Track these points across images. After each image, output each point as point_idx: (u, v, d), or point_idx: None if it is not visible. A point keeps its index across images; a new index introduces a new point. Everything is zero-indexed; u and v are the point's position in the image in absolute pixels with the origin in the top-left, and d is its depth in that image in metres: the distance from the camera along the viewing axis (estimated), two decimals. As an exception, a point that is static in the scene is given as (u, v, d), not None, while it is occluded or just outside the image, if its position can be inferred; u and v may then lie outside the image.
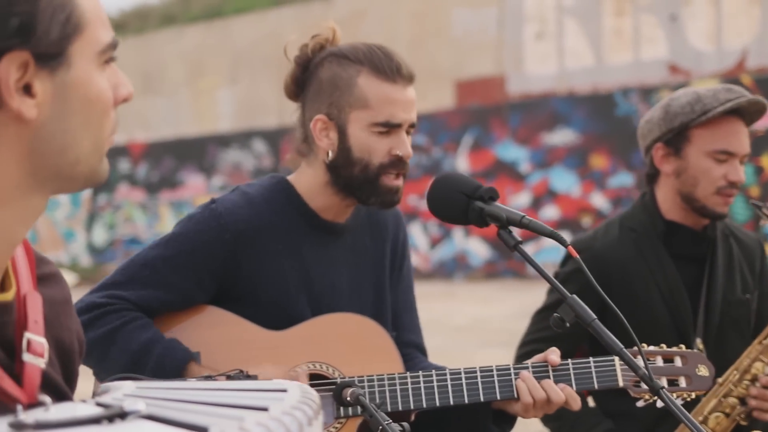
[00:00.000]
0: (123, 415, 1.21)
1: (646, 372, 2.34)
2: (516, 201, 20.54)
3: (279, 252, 2.71)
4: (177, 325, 2.66)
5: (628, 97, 19.42)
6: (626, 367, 2.65)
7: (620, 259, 3.43)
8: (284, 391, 1.32)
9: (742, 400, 3.23)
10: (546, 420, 3.52)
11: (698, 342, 3.39)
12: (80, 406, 1.24)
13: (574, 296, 2.43)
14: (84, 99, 1.41)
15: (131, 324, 2.59)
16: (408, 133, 2.76)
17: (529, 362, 2.70)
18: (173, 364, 2.53)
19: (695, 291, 3.47)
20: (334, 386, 2.54)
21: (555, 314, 2.44)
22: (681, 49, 19.02)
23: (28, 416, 1.19)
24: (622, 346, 2.38)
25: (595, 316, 2.40)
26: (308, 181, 2.79)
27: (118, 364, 2.55)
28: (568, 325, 2.43)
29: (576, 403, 2.65)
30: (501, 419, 2.75)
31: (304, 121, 2.79)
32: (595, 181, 19.96)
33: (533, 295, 18.52)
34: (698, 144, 3.38)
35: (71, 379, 1.63)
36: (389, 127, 2.69)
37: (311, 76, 2.76)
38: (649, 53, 19.34)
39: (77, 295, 2.77)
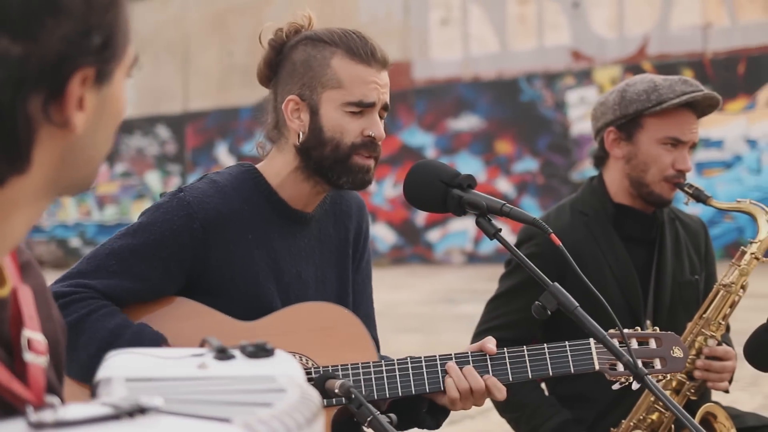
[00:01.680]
0: (143, 410, 1.18)
1: (630, 359, 2.36)
2: (422, 186, 20.61)
3: (248, 241, 2.68)
4: (146, 317, 2.60)
5: (533, 83, 19.64)
6: (602, 350, 2.67)
7: (573, 243, 3.47)
8: (283, 391, 1.30)
9: (690, 375, 3.31)
10: (503, 411, 3.54)
11: (648, 324, 3.45)
12: (89, 407, 1.19)
13: (556, 284, 2.45)
14: (114, 113, 1.40)
15: (98, 312, 2.53)
16: (381, 117, 2.74)
17: (469, 352, 2.70)
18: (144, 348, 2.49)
19: (645, 273, 3.54)
20: (309, 376, 2.52)
21: (537, 302, 2.45)
22: (584, 36, 19.27)
23: (46, 416, 1.15)
24: (605, 333, 2.41)
25: (577, 304, 2.42)
26: (278, 168, 2.76)
27: (86, 353, 2.49)
28: (549, 313, 2.45)
29: (501, 393, 2.64)
30: (434, 410, 2.76)
31: (276, 105, 2.75)
32: (500, 166, 20.15)
33: (442, 281, 18.65)
34: (650, 131, 3.44)
35: (61, 372, 1.59)
36: (362, 107, 2.67)
37: (285, 58, 2.74)
38: (552, 40, 19.57)
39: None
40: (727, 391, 3.40)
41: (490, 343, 2.71)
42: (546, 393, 3.57)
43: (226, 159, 22.87)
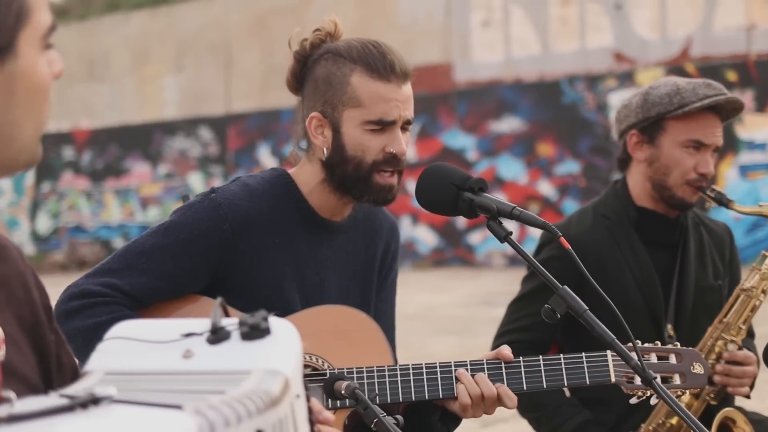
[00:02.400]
0: (96, 401, 1.20)
1: (639, 363, 2.35)
2: (463, 188, 20.58)
3: (275, 245, 2.71)
4: (169, 315, 2.64)
5: (574, 85, 19.56)
6: (618, 363, 2.66)
7: (594, 246, 3.47)
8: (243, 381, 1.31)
9: (709, 380, 3.29)
10: (524, 411, 3.55)
11: (669, 328, 3.44)
12: (46, 399, 1.22)
13: (565, 287, 2.44)
14: (30, 88, 1.38)
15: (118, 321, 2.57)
16: (404, 129, 2.74)
17: (484, 359, 2.69)
18: None
19: (667, 277, 3.52)
20: (323, 378, 2.53)
21: (546, 305, 2.44)
22: (626, 38, 19.17)
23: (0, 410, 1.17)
24: (613, 336, 2.39)
25: (586, 307, 2.41)
26: (307, 177, 2.79)
27: None
28: (559, 316, 2.44)
29: (512, 402, 2.63)
30: (446, 417, 2.76)
31: (303, 117, 2.78)
32: (541, 168, 20.09)
33: (482, 283, 18.60)
34: (672, 134, 3.43)
35: (46, 351, 1.61)
36: (382, 125, 2.68)
37: (308, 72, 2.76)
38: (594, 41, 19.48)
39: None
40: (748, 397, 3.38)
41: (506, 350, 2.70)
42: (568, 395, 3.57)
43: (268, 160, 22.96)
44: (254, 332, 1.41)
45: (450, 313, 13.45)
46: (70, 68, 26.31)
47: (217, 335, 1.41)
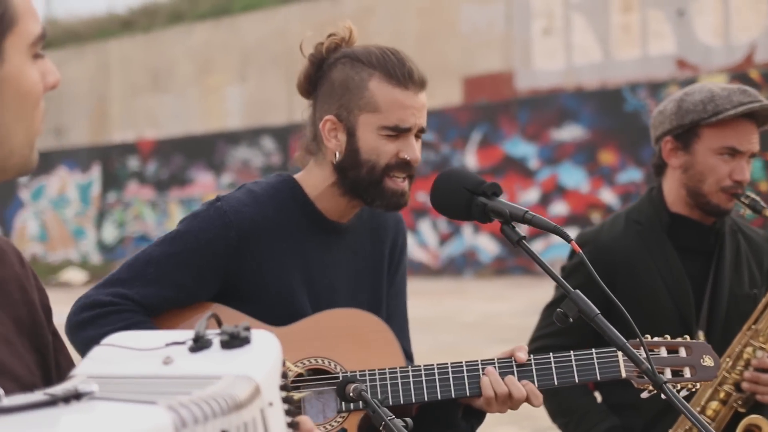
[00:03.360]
0: (78, 396, 1.27)
1: (649, 366, 2.34)
2: (525, 197, 20.55)
3: (283, 250, 2.73)
4: (181, 323, 2.67)
5: (637, 93, 19.41)
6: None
7: (624, 251, 3.46)
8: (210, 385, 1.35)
9: (738, 387, 3.27)
10: (554, 416, 3.56)
11: (700, 334, 3.41)
12: (32, 396, 1.28)
13: (578, 291, 2.43)
14: (17, 93, 1.41)
15: (134, 328, 2.60)
16: (417, 137, 2.76)
17: (495, 357, 2.70)
18: None
19: (700, 284, 3.49)
20: (337, 381, 2.55)
21: (558, 309, 2.44)
22: (689, 44, 19.00)
23: None
24: (625, 341, 2.38)
25: (598, 311, 2.40)
26: (315, 180, 2.80)
27: None
28: (571, 320, 2.44)
29: (537, 400, 2.64)
30: (470, 414, 2.76)
31: (315, 120, 2.79)
32: (604, 176, 19.95)
33: (543, 292, 18.51)
34: (707, 141, 3.40)
35: (46, 351, 1.65)
36: (398, 131, 2.70)
37: (324, 75, 2.77)
38: (657, 48, 19.33)
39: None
40: None
41: (520, 351, 2.71)
42: (599, 401, 3.56)
43: (330, 170, 23.03)
44: (233, 341, 1.45)
45: (508, 322, 13.40)
46: (135, 79, 26.66)
47: (198, 344, 1.45)
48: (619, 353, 2.70)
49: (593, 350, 2.71)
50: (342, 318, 2.73)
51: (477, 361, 2.68)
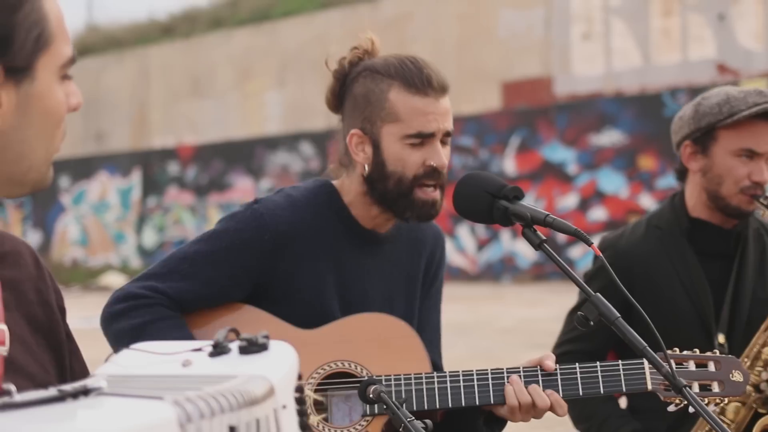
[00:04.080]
0: (86, 392, 1.30)
1: (669, 370, 2.33)
2: (564, 203, 20.49)
3: (317, 255, 2.75)
4: (213, 322, 2.70)
5: (677, 98, 19.29)
6: (655, 370, 2.65)
7: (643, 255, 3.47)
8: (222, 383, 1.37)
9: (757, 387, 3.25)
10: (576, 422, 3.55)
11: (720, 337, 3.40)
12: (39, 393, 1.30)
13: (598, 294, 2.43)
14: (43, 111, 1.45)
15: (163, 321, 2.64)
16: (444, 142, 2.77)
17: (521, 365, 2.70)
18: None
19: (721, 287, 3.48)
20: (359, 383, 2.57)
21: (579, 313, 2.44)
22: (730, 49, 18.88)
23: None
24: (645, 344, 2.38)
25: (618, 314, 2.40)
26: (349, 189, 2.82)
27: None
28: (591, 323, 2.43)
29: (562, 410, 2.65)
30: (492, 421, 2.76)
31: (344, 134, 2.82)
32: (643, 182, 19.86)
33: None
34: (724, 143, 3.40)
35: (61, 350, 1.69)
36: (422, 138, 2.71)
37: (347, 90, 2.79)
38: (697, 53, 19.22)
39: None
40: None
41: (548, 359, 2.71)
42: (621, 404, 3.56)
43: (369, 175, 23.06)
44: (251, 347, 1.48)
45: (545, 328, 13.32)
46: (175, 85, 26.82)
47: (217, 349, 1.48)
48: (646, 366, 2.69)
49: (620, 362, 2.70)
50: (370, 322, 2.74)
51: (502, 369, 2.68)
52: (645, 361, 2.67)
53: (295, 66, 24.65)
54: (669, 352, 2.58)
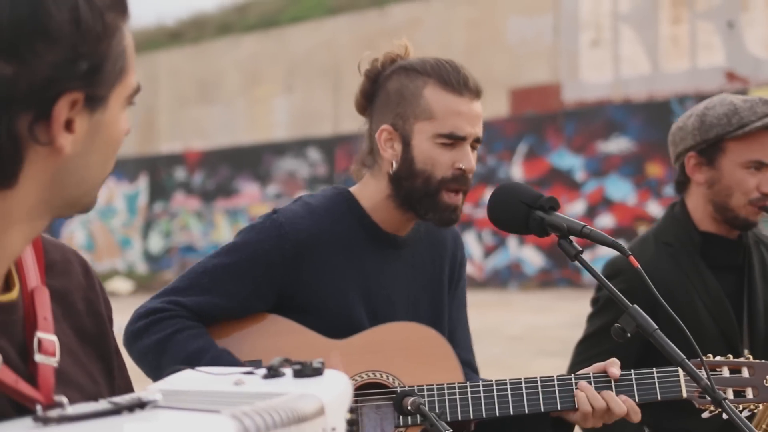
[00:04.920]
0: (142, 405, 1.31)
1: (709, 383, 2.32)
2: (571, 209, 20.45)
3: (339, 263, 2.72)
4: (238, 333, 2.68)
5: (685, 105, 19.25)
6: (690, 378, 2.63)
7: (661, 276, 3.36)
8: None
9: None
10: None
11: (746, 353, 3.36)
12: (96, 404, 1.32)
13: (635, 306, 2.42)
14: (108, 139, 1.47)
15: (184, 332, 2.62)
16: (473, 148, 2.75)
17: (590, 371, 2.68)
18: None
19: (737, 300, 3.45)
20: (394, 395, 2.55)
21: (616, 324, 2.42)
22: (739, 56, 18.85)
23: (52, 412, 1.27)
24: (683, 356, 2.36)
25: (656, 326, 2.39)
26: (371, 193, 2.80)
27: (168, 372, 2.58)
28: (629, 335, 2.42)
29: (637, 416, 2.63)
30: (559, 427, 2.74)
31: (371, 133, 2.79)
32: (651, 189, 19.83)
33: (588, 304, 18.42)
34: (733, 155, 3.35)
35: (111, 360, 1.69)
36: (453, 139, 2.69)
37: (379, 88, 2.77)
38: (706, 60, 19.20)
39: (134, 302, 2.82)
40: None
41: (613, 366, 2.69)
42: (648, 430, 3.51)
43: (376, 181, 23.07)
44: (305, 370, 1.48)
45: (554, 335, 13.34)
46: (183, 90, 26.83)
47: (272, 372, 1.49)
48: (680, 373, 2.67)
49: (654, 369, 2.69)
50: (400, 331, 2.72)
51: (536, 377, 2.66)
52: (679, 369, 2.66)
53: (302, 72, 24.65)
54: (706, 358, 2.57)
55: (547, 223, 2.52)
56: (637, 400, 2.66)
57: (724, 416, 2.49)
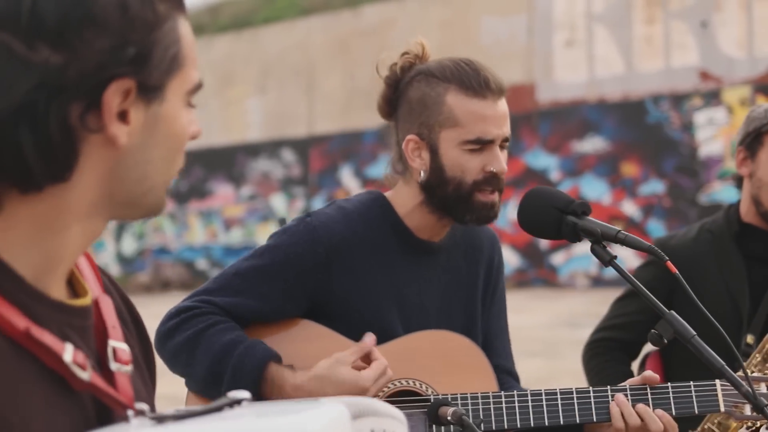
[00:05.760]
0: (238, 402, 1.32)
1: (750, 389, 2.29)
2: (546, 209, 20.47)
3: (372, 268, 2.69)
4: (269, 337, 2.64)
5: (659, 105, 19.36)
6: (728, 392, 2.61)
7: (690, 256, 3.47)
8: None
9: None
10: None
11: (749, 338, 3.39)
12: (190, 408, 1.32)
13: (673, 312, 2.40)
14: (169, 133, 1.44)
15: (216, 326, 2.59)
16: (502, 147, 2.71)
17: (627, 384, 2.65)
18: (252, 362, 2.51)
19: (761, 290, 3.47)
20: (427, 403, 2.51)
21: (653, 330, 2.40)
22: (712, 56, 18.94)
23: (167, 411, 1.29)
24: (723, 362, 2.34)
25: (694, 333, 2.37)
26: (405, 199, 2.76)
27: (202, 366, 2.56)
28: (666, 341, 2.40)
29: (674, 431, 2.60)
30: None
31: (398, 141, 2.75)
32: (626, 188, 19.90)
33: (565, 304, 18.46)
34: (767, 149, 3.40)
35: (153, 373, 1.69)
36: (481, 144, 2.65)
37: (401, 96, 2.73)
38: (679, 60, 19.28)
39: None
40: None
41: (651, 375, 2.67)
42: None
43: (350, 182, 23.04)
44: None
45: (534, 335, 13.33)
46: (155, 91, 26.70)
47: None
48: (718, 387, 2.64)
49: (691, 383, 2.66)
50: (433, 340, 2.69)
51: (571, 388, 2.64)
52: (717, 381, 2.64)
53: (276, 73, 24.58)
54: (741, 373, 2.54)
55: (581, 228, 2.50)
56: (674, 413, 2.63)
57: (763, 430, 2.47)
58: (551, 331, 13.87)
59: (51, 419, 1.33)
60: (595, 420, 2.60)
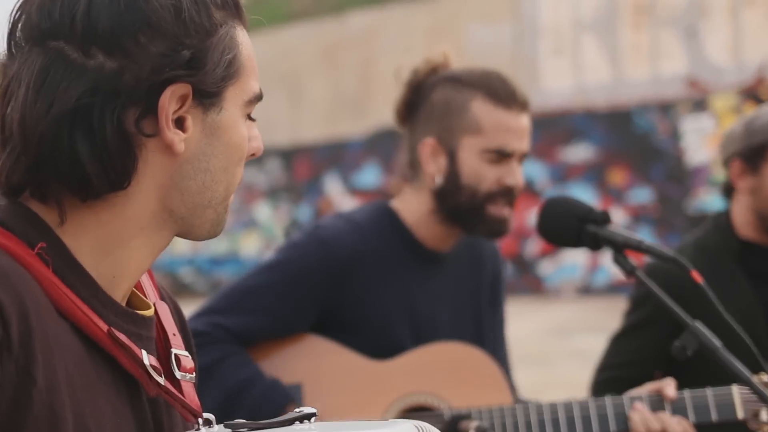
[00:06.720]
0: (309, 416, 1.34)
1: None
2: (533, 217, 20.43)
3: (383, 281, 2.66)
4: (277, 354, 2.63)
5: (647, 112, 19.37)
6: (746, 399, 2.55)
7: (688, 278, 3.36)
8: None
9: None
10: None
11: None
12: (259, 422, 1.35)
13: (697, 323, 2.33)
14: (228, 143, 1.43)
15: (230, 359, 2.57)
16: (519, 161, 2.66)
17: (643, 392, 2.58)
18: (271, 407, 2.46)
19: None
20: (442, 418, 2.46)
21: (676, 343, 2.35)
22: (699, 63, 18.96)
23: (237, 421, 1.33)
24: (750, 374, 2.29)
25: (720, 344, 2.31)
26: (413, 208, 2.72)
27: (213, 400, 2.49)
28: (689, 353, 2.33)
29: None
30: None
31: (412, 145, 2.70)
32: (613, 196, 19.89)
33: (552, 314, 18.48)
34: None
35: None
36: (501, 155, 2.61)
37: (423, 99, 2.69)
38: (667, 68, 19.29)
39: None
40: None
41: (669, 387, 2.59)
42: None
43: (336, 190, 22.98)
44: None
45: (523, 344, 13.27)
46: (139, 100, 26.66)
47: None
48: (735, 393, 2.58)
49: (707, 389, 2.60)
50: (445, 352, 2.64)
51: (587, 399, 2.58)
52: (732, 388, 2.58)
53: (260, 80, 24.45)
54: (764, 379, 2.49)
55: (602, 237, 2.45)
56: (693, 420, 2.57)
57: None
58: (540, 339, 13.83)
59: (118, 428, 1.34)
60: (612, 430, 2.54)
